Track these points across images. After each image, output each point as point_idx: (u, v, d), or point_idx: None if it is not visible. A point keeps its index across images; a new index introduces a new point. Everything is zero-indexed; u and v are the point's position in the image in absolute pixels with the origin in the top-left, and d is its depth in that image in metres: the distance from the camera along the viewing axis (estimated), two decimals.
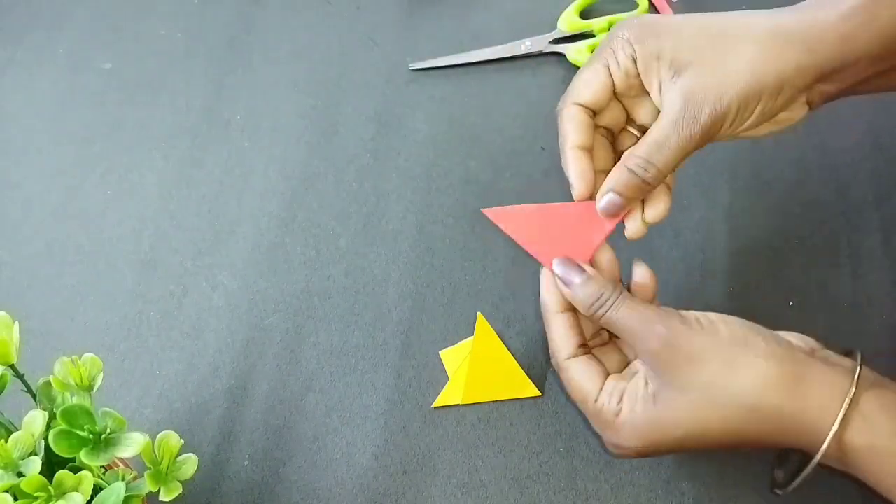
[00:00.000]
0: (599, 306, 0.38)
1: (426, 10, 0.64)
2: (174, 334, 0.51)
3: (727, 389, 0.36)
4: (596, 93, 0.39)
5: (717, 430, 0.36)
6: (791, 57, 0.37)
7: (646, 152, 0.38)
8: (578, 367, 0.40)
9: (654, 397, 0.37)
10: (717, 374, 0.36)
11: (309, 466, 0.46)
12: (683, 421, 0.36)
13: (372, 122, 0.59)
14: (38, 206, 0.56)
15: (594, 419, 0.39)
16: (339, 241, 0.54)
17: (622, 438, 0.38)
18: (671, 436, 0.37)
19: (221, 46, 0.63)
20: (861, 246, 0.52)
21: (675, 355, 0.36)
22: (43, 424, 0.33)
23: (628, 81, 0.39)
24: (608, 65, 0.39)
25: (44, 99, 0.61)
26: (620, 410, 0.38)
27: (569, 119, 0.40)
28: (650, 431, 0.37)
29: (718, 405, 0.36)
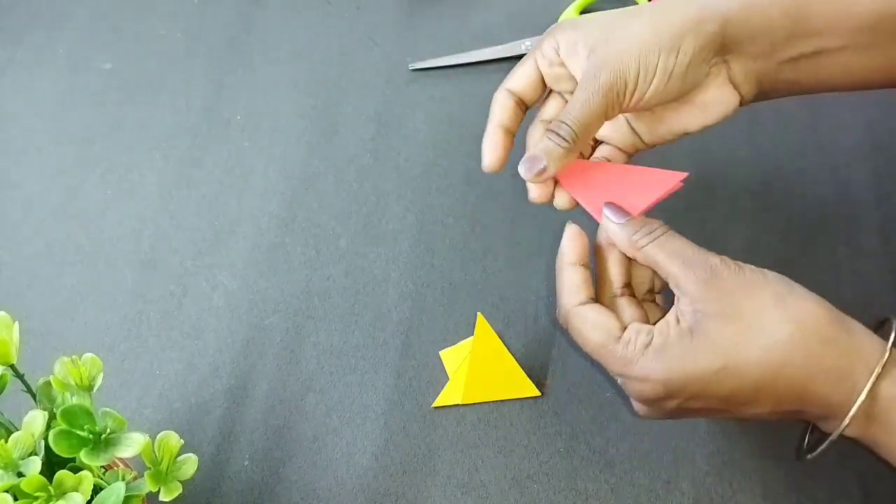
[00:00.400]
0: (648, 233, 0.38)
1: (426, 10, 0.65)
2: (174, 334, 0.51)
3: (775, 318, 0.35)
4: (523, 79, 0.42)
5: (756, 362, 0.35)
6: (687, 16, 0.38)
7: (561, 114, 0.39)
8: (593, 309, 0.38)
9: (692, 331, 0.36)
10: (767, 305, 0.35)
11: (309, 466, 0.46)
12: (724, 348, 0.35)
13: (372, 122, 0.59)
14: (38, 206, 0.56)
15: (616, 360, 0.37)
16: (339, 241, 0.54)
17: (650, 369, 0.36)
18: (707, 368, 0.35)
19: (221, 46, 0.63)
20: (861, 246, 0.52)
21: (727, 284, 0.36)
22: (43, 424, 0.33)
23: (554, 70, 0.41)
24: (536, 57, 0.42)
25: (44, 99, 0.61)
26: (651, 341, 0.36)
27: (497, 102, 0.43)
28: (685, 360, 0.35)
29: (764, 333, 0.35)
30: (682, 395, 0.36)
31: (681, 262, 0.37)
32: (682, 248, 0.38)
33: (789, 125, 0.56)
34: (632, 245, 0.38)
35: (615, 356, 0.37)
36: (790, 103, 0.44)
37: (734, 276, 0.36)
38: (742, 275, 0.36)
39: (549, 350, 0.49)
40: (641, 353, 0.36)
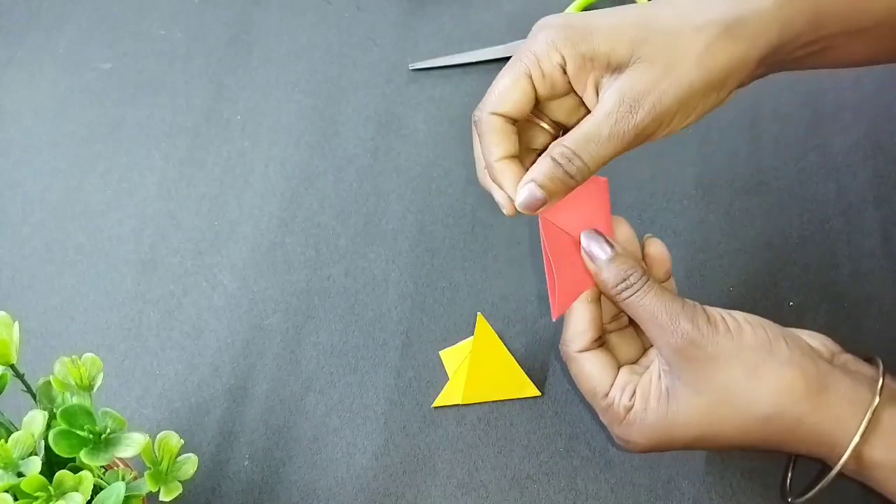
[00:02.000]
0: (625, 288, 0.36)
1: (426, 10, 0.64)
2: (174, 334, 0.51)
3: (747, 396, 0.35)
4: (516, 103, 0.37)
5: (730, 434, 0.35)
6: (736, 50, 0.35)
7: (573, 143, 0.35)
8: (590, 359, 0.38)
9: (668, 394, 0.36)
10: (738, 378, 0.35)
11: (309, 466, 0.46)
12: (697, 423, 0.35)
13: (372, 122, 0.59)
14: (38, 206, 0.56)
15: (603, 413, 0.38)
16: (339, 241, 0.54)
17: (632, 434, 0.37)
18: (682, 436, 0.36)
19: (221, 46, 0.63)
20: (861, 246, 0.52)
21: (698, 354, 0.35)
22: (43, 424, 0.33)
23: (553, 90, 0.37)
24: (530, 74, 0.36)
25: (44, 99, 0.61)
26: (632, 406, 0.37)
27: (490, 130, 0.37)
28: (661, 430, 0.36)
29: (736, 411, 0.35)
30: (662, 451, 0.38)
31: (656, 326, 0.36)
32: (656, 308, 0.36)
33: (789, 125, 0.56)
34: (611, 291, 0.37)
35: (601, 409, 0.38)
36: (790, 103, 0.44)
37: (708, 344, 0.35)
38: (715, 342, 0.35)
39: (549, 350, 0.49)
40: (623, 416, 0.37)
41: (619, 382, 0.38)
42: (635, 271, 0.37)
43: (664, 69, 0.34)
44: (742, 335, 0.35)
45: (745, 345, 0.35)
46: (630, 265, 0.37)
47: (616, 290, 0.37)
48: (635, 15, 0.36)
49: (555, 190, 0.36)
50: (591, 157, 0.35)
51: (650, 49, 0.35)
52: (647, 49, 0.35)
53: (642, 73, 0.34)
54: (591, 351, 0.39)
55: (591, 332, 0.38)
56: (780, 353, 0.35)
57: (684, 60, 0.34)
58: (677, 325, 0.35)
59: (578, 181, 0.36)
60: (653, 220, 0.53)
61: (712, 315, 0.36)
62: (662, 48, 0.35)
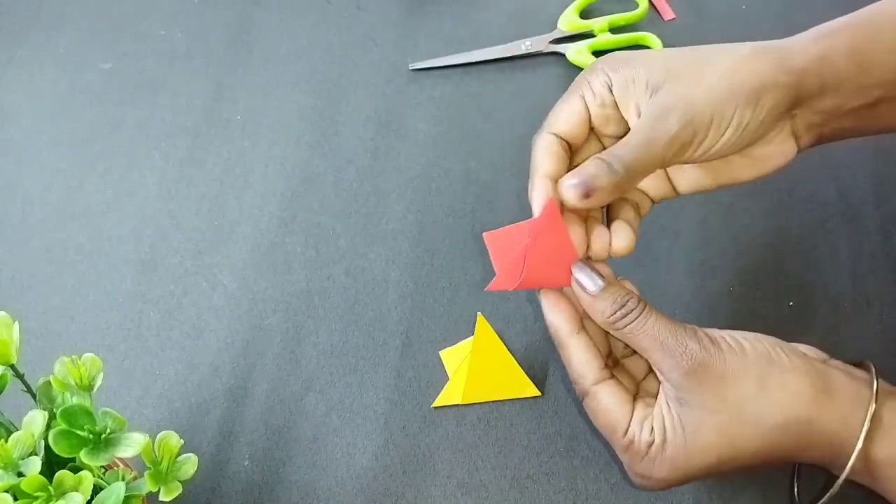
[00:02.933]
0: (623, 316, 0.36)
1: (426, 10, 0.65)
2: (174, 334, 0.51)
3: (760, 408, 0.35)
4: (570, 122, 0.38)
5: (750, 449, 0.35)
6: (766, 69, 0.36)
7: (616, 150, 0.36)
8: (606, 393, 0.37)
9: (682, 422, 0.35)
10: (749, 393, 0.35)
11: (309, 466, 0.46)
12: (716, 444, 0.35)
13: (372, 122, 0.59)
14: (38, 206, 0.56)
15: (624, 451, 0.37)
16: (339, 241, 0.54)
17: (654, 470, 0.36)
18: (705, 462, 0.35)
19: (221, 46, 0.63)
20: (861, 246, 0.52)
21: (708, 374, 0.35)
22: (43, 424, 0.33)
23: (604, 111, 0.38)
24: (583, 95, 0.38)
25: (44, 99, 0.61)
26: (653, 441, 0.36)
27: (542, 148, 0.38)
28: (683, 460, 0.35)
29: (752, 425, 0.35)
30: (685, 483, 0.37)
31: (660, 348, 0.35)
32: (660, 332, 0.35)
33: None
34: (608, 323, 0.37)
35: (621, 448, 0.37)
36: None
37: (714, 363, 0.35)
38: (722, 360, 0.35)
39: (549, 350, 0.49)
40: (646, 452, 0.36)
41: (637, 417, 0.37)
42: (631, 298, 0.36)
43: (692, 83, 0.36)
44: (744, 350, 0.36)
45: (749, 359, 0.35)
46: (625, 293, 0.37)
47: (613, 319, 0.36)
48: (676, 49, 0.38)
49: (598, 186, 0.36)
50: (631, 159, 0.36)
51: (682, 70, 0.37)
52: (680, 70, 0.37)
53: (673, 88, 0.36)
54: (604, 383, 0.38)
55: (595, 361, 0.38)
56: (782, 362, 0.35)
57: (711, 75, 0.36)
58: (685, 348, 0.35)
59: (621, 184, 0.36)
60: (653, 221, 0.53)
61: (712, 335, 0.36)
62: (693, 68, 0.37)
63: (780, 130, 0.39)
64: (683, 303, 0.50)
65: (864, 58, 0.37)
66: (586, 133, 0.39)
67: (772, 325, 0.49)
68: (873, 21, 0.39)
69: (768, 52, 0.37)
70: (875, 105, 0.39)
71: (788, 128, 0.39)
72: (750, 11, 0.63)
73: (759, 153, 0.39)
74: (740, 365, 0.35)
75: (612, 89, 0.37)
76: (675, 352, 0.35)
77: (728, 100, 0.36)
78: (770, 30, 0.61)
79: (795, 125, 0.39)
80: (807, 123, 0.39)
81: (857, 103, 0.38)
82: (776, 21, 0.62)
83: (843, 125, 0.39)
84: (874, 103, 0.39)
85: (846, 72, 0.37)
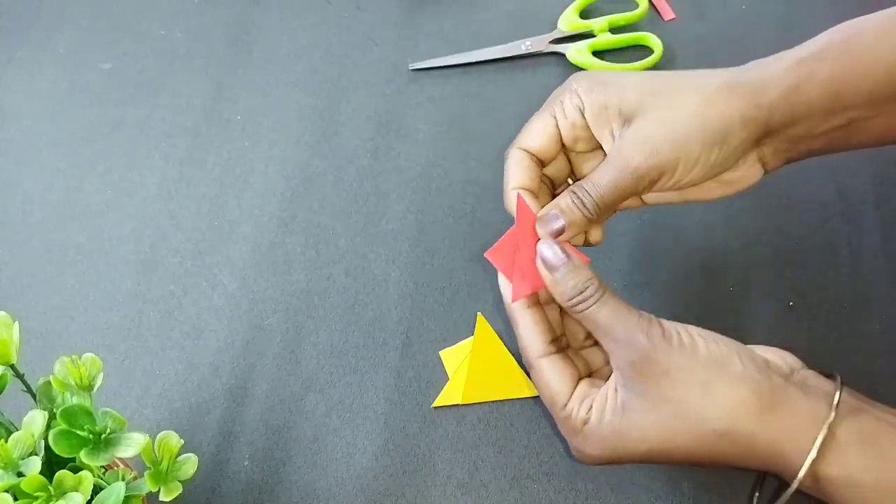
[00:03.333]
0: (582, 300, 0.37)
1: (426, 10, 0.65)
2: (174, 334, 0.51)
3: (700, 412, 0.35)
4: (541, 140, 0.40)
5: (684, 449, 0.35)
6: (736, 105, 0.37)
7: (587, 186, 0.38)
8: (549, 367, 0.38)
9: (624, 408, 0.36)
10: (691, 394, 0.35)
11: (309, 466, 0.46)
12: (651, 436, 0.35)
13: (372, 122, 0.59)
14: (38, 206, 0.56)
15: (561, 424, 0.38)
16: (339, 241, 0.54)
17: (586, 446, 0.37)
18: (636, 449, 0.36)
19: (221, 46, 0.63)
20: (861, 246, 0.52)
21: (652, 369, 0.35)
22: (43, 424, 0.33)
23: (574, 132, 0.39)
24: (555, 114, 0.39)
25: (44, 99, 0.61)
26: (588, 419, 0.37)
27: (513, 162, 0.40)
28: (615, 443, 0.36)
29: (689, 425, 0.35)
30: (617, 464, 0.38)
31: (612, 340, 0.36)
32: (613, 324, 0.36)
33: None
34: (567, 302, 0.37)
35: (559, 420, 0.38)
36: None
37: (660, 358, 0.35)
38: (669, 356, 0.35)
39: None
40: (580, 428, 0.37)
41: (577, 394, 0.38)
42: (591, 284, 0.37)
43: (663, 120, 0.37)
44: (696, 350, 0.36)
45: (698, 360, 0.35)
46: (586, 277, 0.37)
47: (573, 301, 0.37)
48: (650, 75, 0.39)
49: (573, 220, 0.38)
50: (600, 196, 0.38)
51: (654, 101, 0.37)
52: (652, 101, 0.37)
53: (645, 123, 0.37)
54: (549, 357, 0.39)
55: (541, 336, 0.39)
56: (733, 369, 0.35)
57: (682, 112, 0.37)
58: (633, 340, 0.35)
59: (592, 217, 0.38)
60: (653, 221, 0.53)
61: (667, 329, 0.36)
62: (665, 102, 0.37)
63: (747, 158, 0.39)
64: (683, 303, 0.50)
65: (839, 86, 0.38)
66: (557, 150, 0.40)
67: (772, 325, 0.49)
68: (851, 47, 0.39)
69: (740, 86, 0.37)
70: (847, 126, 0.39)
71: (755, 155, 0.40)
72: (750, 11, 0.63)
73: (726, 177, 0.40)
74: (687, 364, 0.35)
75: (583, 113, 0.39)
76: (623, 343, 0.36)
77: (694, 140, 0.37)
78: (770, 30, 0.61)
79: (763, 152, 0.40)
80: (774, 150, 0.40)
81: (827, 127, 0.39)
82: (776, 21, 0.62)
83: (812, 147, 0.40)
84: (846, 125, 0.39)
85: (819, 101, 0.38)
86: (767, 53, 0.39)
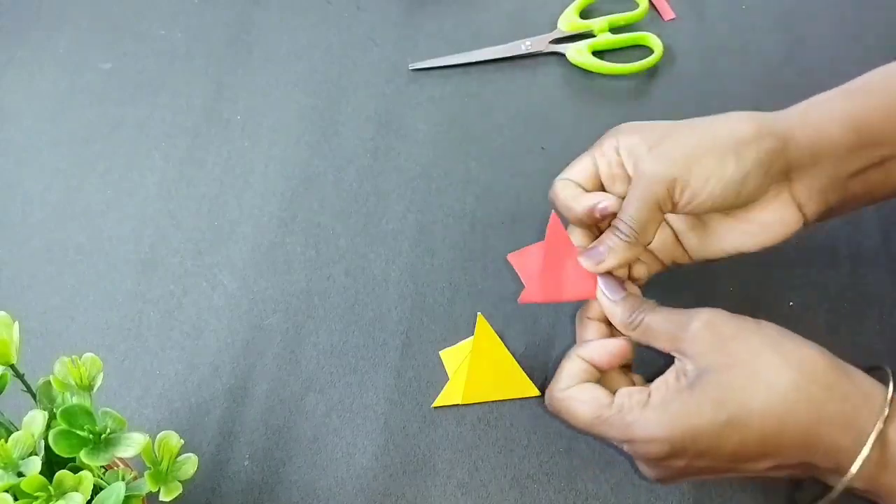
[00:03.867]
0: (638, 314, 0.39)
1: (426, 10, 0.65)
2: (174, 334, 0.51)
3: (774, 364, 0.34)
4: (582, 175, 0.42)
5: (760, 412, 0.34)
6: (746, 127, 0.39)
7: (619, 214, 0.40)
8: (580, 388, 0.38)
9: (692, 387, 0.35)
10: (763, 348, 0.35)
11: (309, 466, 0.46)
12: (726, 400, 0.34)
13: (372, 122, 0.59)
14: (38, 206, 0.56)
15: (614, 427, 0.36)
16: (339, 241, 0.54)
17: (653, 427, 0.35)
18: (713, 420, 0.34)
19: (221, 46, 0.63)
20: (861, 246, 0.52)
21: (721, 331, 0.36)
22: (43, 424, 0.33)
23: (611, 170, 0.42)
24: (594, 154, 0.42)
25: (44, 99, 0.61)
26: (648, 400, 0.36)
27: (560, 190, 0.42)
28: (688, 414, 0.34)
29: (764, 381, 0.34)
30: (689, 453, 0.35)
31: (675, 322, 0.38)
32: (672, 312, 0.38)
33: None
34: (626, 321, 0.39)
35: (612, 424, 0.36)
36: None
37: (727, 324, 0.36)
38: (734, 322, 0.36)
39: (549, 350, 0.49)
40: (640, 412, 0.36)
41: (622, 391, 0.37)
42: (646, 304, 0.40)
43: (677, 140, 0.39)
44: (759, 322, 0.37)
45: (763, 325, 0.36)
46: (640, 301, 0.40)
47: (631, 317, 0.39)
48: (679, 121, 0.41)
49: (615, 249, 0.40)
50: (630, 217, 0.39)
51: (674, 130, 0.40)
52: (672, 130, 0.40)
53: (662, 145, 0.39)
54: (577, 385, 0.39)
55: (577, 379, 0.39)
56: (797, 338, 0.36)
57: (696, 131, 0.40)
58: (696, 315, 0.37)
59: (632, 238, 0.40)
60: None
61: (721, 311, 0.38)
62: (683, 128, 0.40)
63: (778, 194, 0.40)
64: (683, 303, 0.50)
65: (861, 123, 0.39)
66: (597, 187, 0.43)
67: None
68: (868, 89, 0.40)
69: (752, 118, 0.40)
70: (882, 164, 0.39)
71: (787, 193, 0.40)
72: (750, 11, 0.63)
73: (758, 218, 0.40)
74: (753, 327, 0.36)
75: (618, 151, 0.41)
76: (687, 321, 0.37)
77: (706, 150, 0.38)
78: (770, 30, 0.61)
79: (794, 191, 0.40)
80: (808, 190, 0.40)
81: (860, 164, 0.39)
82: (776, 21, 0.62)
83: (852, 189, 0.40)
84: (880, 163, 0.39)
85: (842, 138, 0.39)
86: (767, 53, 0.40)
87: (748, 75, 0.59)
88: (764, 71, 0.59)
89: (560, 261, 0.41)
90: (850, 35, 0.47)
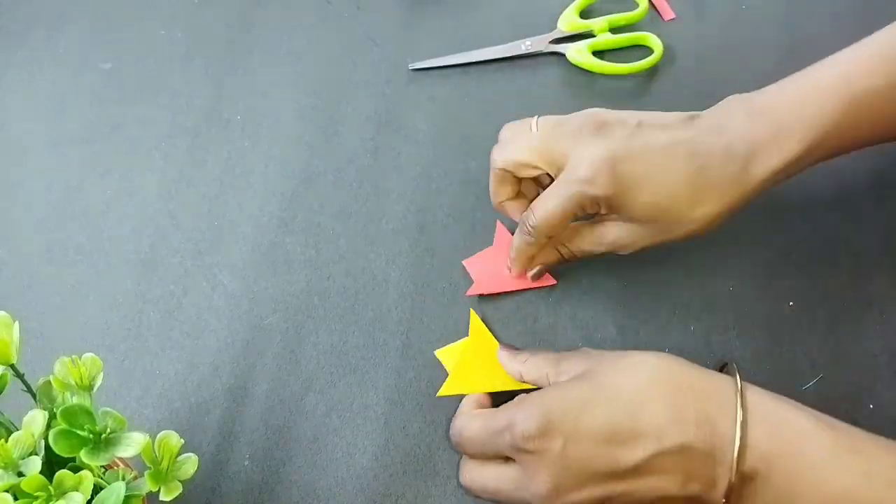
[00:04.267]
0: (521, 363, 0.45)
1: (426, 10, 0.65)
2: (174, 334, 0.51)
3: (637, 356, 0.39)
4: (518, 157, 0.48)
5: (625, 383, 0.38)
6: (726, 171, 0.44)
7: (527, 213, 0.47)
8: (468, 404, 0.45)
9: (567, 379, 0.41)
10: (628, 353, 0.40)
11: (309, 466, 0.46)
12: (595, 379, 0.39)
13: (372, 122, 0.59)
14: (38, 206, 0.56)
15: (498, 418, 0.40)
16: (339, 241, 0.54)
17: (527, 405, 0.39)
18: (581, 391, 0.38)
19: (221, 46, 0.63)
20: (861, 246, 0.52)
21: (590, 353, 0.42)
22: (43, 424, 0.33)
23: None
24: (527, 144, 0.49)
25: (44, 99, 0.61)
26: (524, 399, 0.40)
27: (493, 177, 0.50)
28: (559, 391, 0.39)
29: (629, 363, 0.39)
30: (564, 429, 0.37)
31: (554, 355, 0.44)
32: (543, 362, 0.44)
33: None
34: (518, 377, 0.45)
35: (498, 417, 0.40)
36: None
37: (575, 356, 0.42)
38: (591, 351, 0.43)
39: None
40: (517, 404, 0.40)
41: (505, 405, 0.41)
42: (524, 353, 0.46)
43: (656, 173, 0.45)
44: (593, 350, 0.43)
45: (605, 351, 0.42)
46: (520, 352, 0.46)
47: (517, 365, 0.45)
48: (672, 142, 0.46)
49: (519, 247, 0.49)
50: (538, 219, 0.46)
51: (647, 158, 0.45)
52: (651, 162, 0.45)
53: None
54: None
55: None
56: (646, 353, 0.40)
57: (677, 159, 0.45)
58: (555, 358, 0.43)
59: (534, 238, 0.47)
60: None
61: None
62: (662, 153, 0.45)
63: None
64: (683, 303, 0.50)
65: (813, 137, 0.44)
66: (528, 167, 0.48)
67: (772, 326, 0.49)
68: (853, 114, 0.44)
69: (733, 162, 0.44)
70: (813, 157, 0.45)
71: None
72: (750, 11, 0.63)
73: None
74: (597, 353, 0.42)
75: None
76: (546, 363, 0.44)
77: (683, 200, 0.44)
78: (770, 30, 0.61)
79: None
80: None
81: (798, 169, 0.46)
82: (776, 21, 0.62)
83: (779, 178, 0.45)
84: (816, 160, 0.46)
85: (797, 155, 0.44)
86: (767, 53, 0.40)
87: (748, 75, 0.59)
88: (764, 71, 0.59)
89: (503, 260, 0.51)
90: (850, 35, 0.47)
